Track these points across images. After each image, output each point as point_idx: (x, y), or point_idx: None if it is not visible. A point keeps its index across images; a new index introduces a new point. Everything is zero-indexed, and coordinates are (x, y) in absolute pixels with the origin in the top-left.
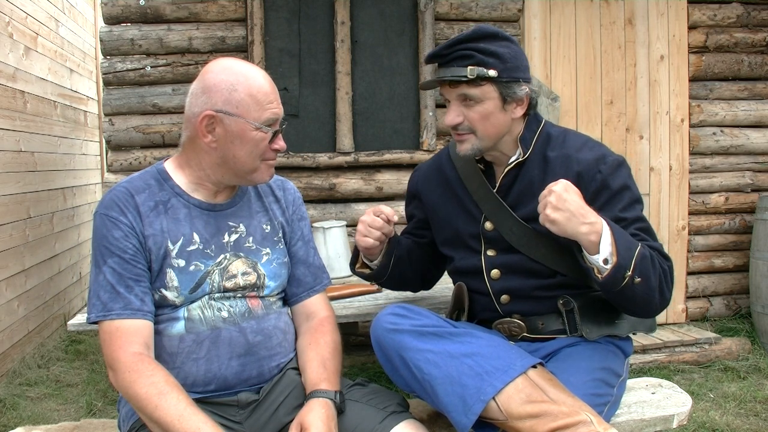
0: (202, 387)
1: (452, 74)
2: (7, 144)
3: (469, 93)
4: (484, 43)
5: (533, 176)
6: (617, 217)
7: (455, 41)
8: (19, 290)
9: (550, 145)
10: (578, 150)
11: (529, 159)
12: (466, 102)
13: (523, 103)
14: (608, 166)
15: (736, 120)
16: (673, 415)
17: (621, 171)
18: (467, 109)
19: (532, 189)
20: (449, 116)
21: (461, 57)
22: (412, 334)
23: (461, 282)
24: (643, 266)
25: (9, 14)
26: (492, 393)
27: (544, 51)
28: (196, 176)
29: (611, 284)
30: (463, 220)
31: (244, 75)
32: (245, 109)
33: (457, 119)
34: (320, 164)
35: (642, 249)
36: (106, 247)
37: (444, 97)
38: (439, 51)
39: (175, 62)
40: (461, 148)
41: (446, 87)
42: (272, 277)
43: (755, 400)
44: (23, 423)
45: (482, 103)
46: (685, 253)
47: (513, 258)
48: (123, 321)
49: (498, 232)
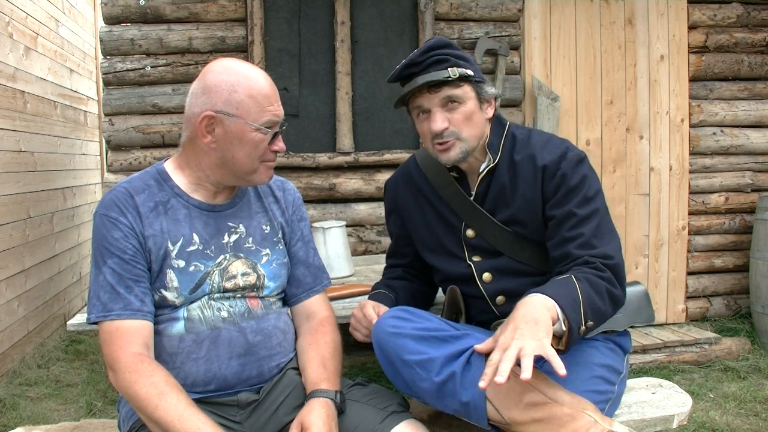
0: (202, 387)
1: (434, 77)
2: (7, 144)
3: (453, 94)
4: (451, 49)
5: (504, 181)
6: (570, 212)
7: (427, 48)
8: (19, 290)
9: (516, 147)
10: (542, 148)
11: (499, 164)
12: (449, 105)
13: (492, 104)
14: (568, 161)
15: (736, 120)
16: (673, 415)
17: (580, 167)
18: (450, 113)
19: (505, 194)
20: (436, 123)
21: (437, 62)
22: (413, 338)
23: (453, 285)
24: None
25: (9, 14)
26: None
27: (544, 51)
28: (196, 177)
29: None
30: (443, 229)
31: (245, 76)
32: (245, 110)
33: (444, 124)
34: (320, 164)
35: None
36: (106, 247)
37: (420, 109)
38: (413, 59)
39: (175, 62)
40: (448, 156)
41: (425, 95)
42: (272, 278)
43: (755, 400)
44: (23, 423)
45: (465, 103)
46: (685, 253)
47: (500, 261)
48: (123, 321)
49: (481, 239)
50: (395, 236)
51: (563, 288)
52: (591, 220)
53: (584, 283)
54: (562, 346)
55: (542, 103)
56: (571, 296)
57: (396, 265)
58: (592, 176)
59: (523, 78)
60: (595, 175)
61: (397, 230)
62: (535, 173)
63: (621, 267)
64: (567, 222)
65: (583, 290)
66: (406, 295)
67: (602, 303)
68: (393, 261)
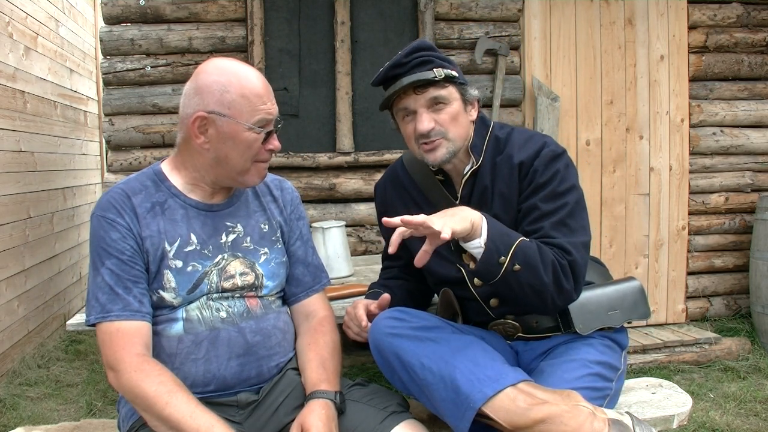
0: (202, 387)
1: (419, 78)
2: (7, 144)
3: (439, 95)
4: (435, 51)
5: (486, 184)
6: (533, 205)
7: (411, 50)
8: (19, 290)
9: (498, 148)
10: (520, 147)
11: (482, 166)
12: (434, 107)
13: (475, 106)
14: (542, 158)
15: (736, 120)
16: (673, 415)
17: (554, 163)
18: (436, 113)
19: (486, 196)
20: (422, 123)
21: (422, 63)
22: (409, 338)
23: (446, 288)
24: (525, 255)
25: (9, 14)
26: (481, 400)
27: (544, 51)
28: (192, 177)
29: (486, 272)
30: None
31: (237, 75)
32: (237, 109)
33: (431, 124)
34: (320, 164)
35: (526, 241)
36: (104, 248)
37: (406, 111)
38: (398, 61)
39: (175, 62)
40: (435, 156)
41: (411, 96)
42: (270, 277)
43: (755, 400)
44: (23, 423)
45: (450, 104)
46: (685, 253)
47: None
48: (122, 322)
49: None
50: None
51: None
52: (554, 214)
53: (534, 243)
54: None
55: (542, 103)
56: (507, 233)
57: (392, 267)
58: (567, 172)
59: (523, 78)
60: (571, 172)
61: (389, 233)
62: (511, 171)
63: (578, 264)
64: (529, 215)
65: (525, 242)
66: (402, 294)
67: (543, 268)
68: (388, 263)
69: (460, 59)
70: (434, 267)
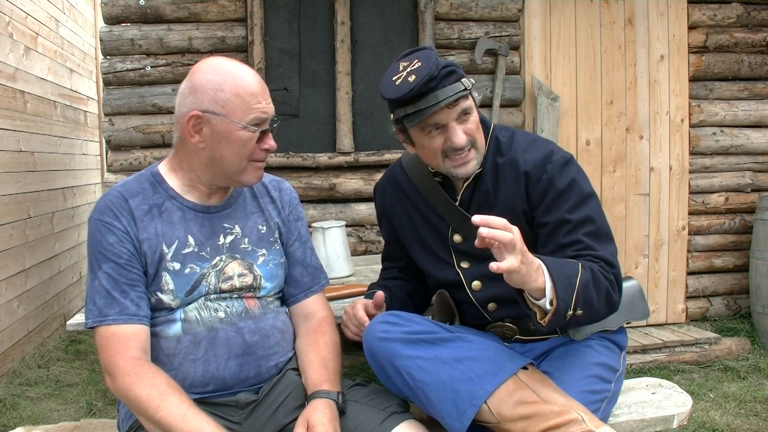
0: (201, 388)
1: (454, 90)
2: (7, 144)
3: (467, 106)
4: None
5: (488, 187)
6: (563, 218)
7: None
8: (19, 290)
9: (500, 151)
10: (524, 151)
11: (484, 169)
12: (462, 118)
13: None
14: (554, 165)
15: (736, 120)
16: (673, 415)
17: (567, 169)
18: (464, 124)
19: (488, 199)
20: (459, 137)
21: (448, 74)
22: (402, 342)
23: (442, 289)
24: (585, 296)
25: (9, 14)
26: (483, 397)
27: (544, 51)
28: (189, 178)
29: (554, 324)
30: (430, 234)
31: (231, 74)
32: (231, 108)
33: (464, 137)
34: (320, 164)
35: (583, 274)
36: (101, 252)
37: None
38: (431, 74)
39: (175, 62)
40: (467, 169)
41: (444, 111)
42: (269, 278)
43: (755, 400)
44: (23, 423)
45: (473, 112)
46: (685, 253)
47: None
48: (119, 326)
49: (468, 244)
50: (387, 240)
51: (565, 268)
52: (586, 225)
53: (588, 272)
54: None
55: (542, 103)
56: (569, 279)
57: (392, 267)
58: (581, 178)
59: (523, 78)
60: (584, 177)
61: (388, 234)
62: (517, 177)
63: (620, 274)
64: (561, 229)
65: (584, 278)
66: (402, 294)
67: (597, 300)
68: (388, 264)
69: (460, 59)
70: (432, 269)
